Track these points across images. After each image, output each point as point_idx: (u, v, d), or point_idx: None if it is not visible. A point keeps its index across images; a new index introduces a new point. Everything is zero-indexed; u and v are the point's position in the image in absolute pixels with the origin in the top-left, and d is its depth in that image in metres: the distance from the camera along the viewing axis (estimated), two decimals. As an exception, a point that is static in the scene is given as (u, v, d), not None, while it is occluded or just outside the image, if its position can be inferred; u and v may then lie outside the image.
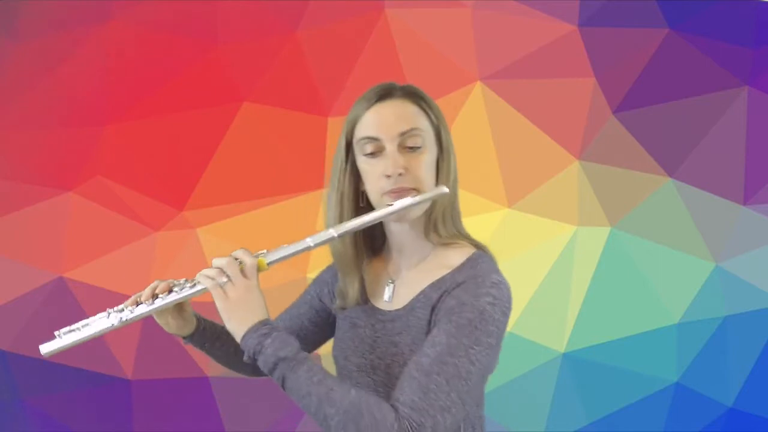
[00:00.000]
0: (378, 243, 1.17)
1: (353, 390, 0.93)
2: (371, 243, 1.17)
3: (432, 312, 1.03)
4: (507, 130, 2.07)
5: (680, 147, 2.10)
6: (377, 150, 1.05)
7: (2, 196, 1.98)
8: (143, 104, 2.01)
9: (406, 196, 1.02)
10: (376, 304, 1.12)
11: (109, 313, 1.05)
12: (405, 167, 1.03)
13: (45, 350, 1.04)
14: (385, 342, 1.07)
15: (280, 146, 2.04)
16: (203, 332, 1.20)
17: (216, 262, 1.00)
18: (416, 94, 1.08)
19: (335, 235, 1.03)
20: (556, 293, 2.09)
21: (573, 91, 2.08)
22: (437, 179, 1.07)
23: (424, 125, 1.06)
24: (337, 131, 1.10)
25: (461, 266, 1.04)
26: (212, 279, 0.99)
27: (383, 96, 1.07)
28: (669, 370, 2.12)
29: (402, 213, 1.03)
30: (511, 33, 2.07)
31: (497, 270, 1.05)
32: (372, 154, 1.05)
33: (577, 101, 2.08)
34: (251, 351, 0.96)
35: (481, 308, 0.97)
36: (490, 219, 2.06)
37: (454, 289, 1.01)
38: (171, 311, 1.13)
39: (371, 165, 1.05)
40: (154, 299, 1.05)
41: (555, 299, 2.09)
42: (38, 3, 1.99)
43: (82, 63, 1.99)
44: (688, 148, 2.10)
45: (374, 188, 1.05)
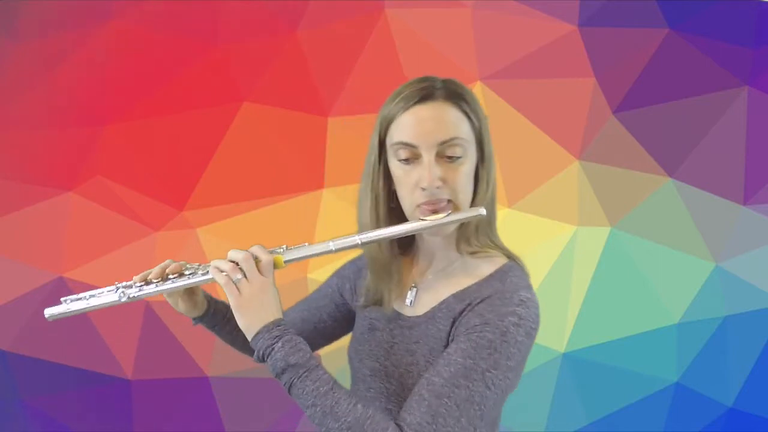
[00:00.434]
0: (406, 240, 1.11)
1: (360, 405, 0.91)
2: (399, 240, 1.10)
3: (453, 325, 0.98)
4: (507, 130, 2.07)
5: (680, 147, 2.10)
6: (413, 157, 0.97)
7: (2, 196, 1.98)
8: (143, 104, 2.01)
9: (441, 210, 0.97)
10: (397, 308, 1.09)
11: (117, 287, 1.05)
12: (442, 179, 0.96)
13: (49, 313, 1.05)
14: (402, 349, 1.04)
15: (280, 146, 2.04)
16: (214, 315, 1.17)
17: (232, 255, 0.97)
18: (458, 95, 0.99)
19: (359, 243, 1.00)
20: (556, 293, 2.09)
21: (573, 91, 2.08)
22: (475, 190, 1.01)
23: (466, 132, 0.98)
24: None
25: (489, 277, 1.00)
26: (225, 274, 0.96)
27: (423, 98, 0.97)
28: (669, 370, 2.11)
29: (435, 229, 0.99)
30: (511, 33, 2.07)
31: (527, 285, 1.00)
32: (407, 161, 0.98)
33: (577, 101, 2.08)
34: (261, 352, 0.94)
35: (504, 329, 0.92)
36: (490, 219, 2.06)
37: (479, 304, 0.96)
38: (181, 293, 1.11)
39: (405, 172, 0.98)
40: (164, 280, 1.04)
41: (555, 299, 2.08)
42: (38, 3, 1.99)
43: (82, 63, 1.99)
44: (688, 148, 2.09)
45: (407, 197, 0.99)
